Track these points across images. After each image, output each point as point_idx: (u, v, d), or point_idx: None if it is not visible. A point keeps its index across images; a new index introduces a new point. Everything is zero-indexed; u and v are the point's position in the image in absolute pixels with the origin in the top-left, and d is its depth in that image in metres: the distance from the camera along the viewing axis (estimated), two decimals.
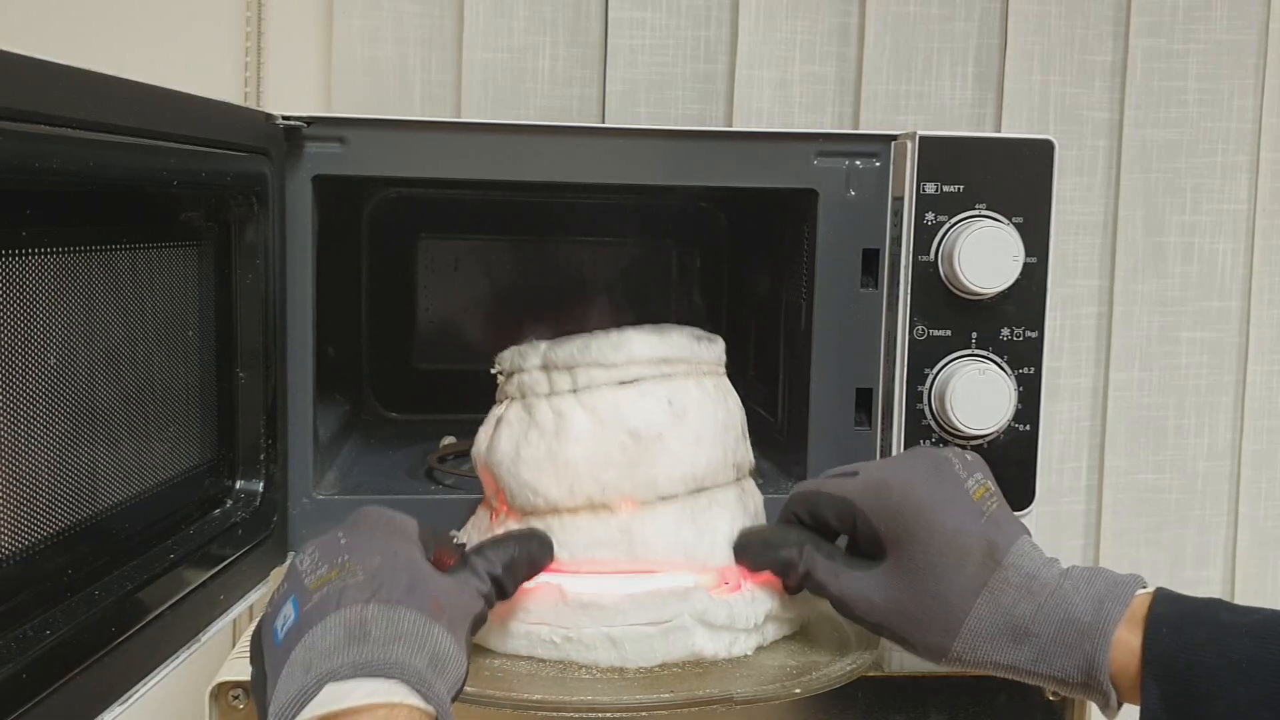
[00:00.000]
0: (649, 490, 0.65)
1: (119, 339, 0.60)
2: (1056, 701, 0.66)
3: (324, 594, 0.53)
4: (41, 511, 0.53)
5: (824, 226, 0.81)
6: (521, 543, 0.62)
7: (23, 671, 0.48)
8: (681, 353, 0.68)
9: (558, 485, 0.65)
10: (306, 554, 0.56)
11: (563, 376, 0.67)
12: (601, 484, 0.65)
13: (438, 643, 0.52)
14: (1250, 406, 1.15)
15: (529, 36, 1.07)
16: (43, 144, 0.48)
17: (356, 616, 0.51)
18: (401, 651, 0.51)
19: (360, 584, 0.53)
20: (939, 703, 0.66)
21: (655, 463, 0.65)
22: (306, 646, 0.51)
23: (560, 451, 0.65)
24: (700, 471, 0.67)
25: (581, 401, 0.66)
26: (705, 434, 0.67)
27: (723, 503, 0.68)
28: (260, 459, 0.73)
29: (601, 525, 0.65)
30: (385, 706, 0.48)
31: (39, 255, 0.52)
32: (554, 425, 0.66)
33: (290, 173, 0.76)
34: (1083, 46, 1.11)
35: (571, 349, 0.67)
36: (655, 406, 0.66)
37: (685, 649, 0.62)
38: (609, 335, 0.67)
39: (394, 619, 0.52)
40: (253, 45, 1.06)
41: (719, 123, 1.09)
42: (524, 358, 0.69)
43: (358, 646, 0.50)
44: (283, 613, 0.54)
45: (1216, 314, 1.15)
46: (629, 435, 0.65)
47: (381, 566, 0.54)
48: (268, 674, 0.53)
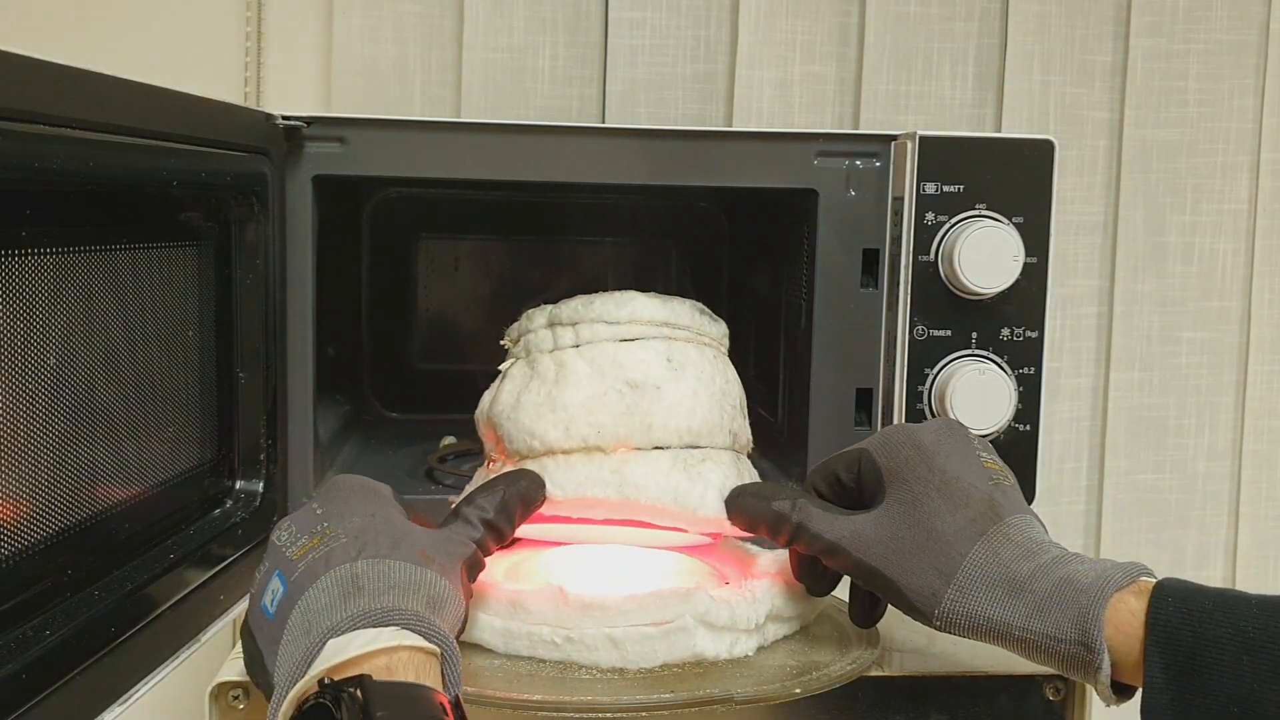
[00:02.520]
0: (644, 437, 0.66)
1: (119, 339, 0.60)
2: (1056, 701, 0.66)
3: (309, 561, 0.53)
4: (42, 511, 0.53)
5: (824, 226, 0.81)
6: (511, 483, 0.63)
7: (23, 671, 0.48)
8: (684, 320, 0.70)
9: (554, 427, 0.66)
10: (283, 529, 0.57)
11: (566, 331, 0.69)
12: (597, 427, 0.66)
13: (432, 586, 0.53)
14: (1250, 406, 1.15)
15: (529, 36, 1.07)
16: (43, 144, 0.48)
17: (348, 574, 0.52)
18: (396, 599, 0.51)
19: (345, 545, 0.54)
20: (939, 703, 0.66)
21: (651, 411, 0.66)
22: (302, 610, 0.52)
23: (559, 396, 0.67)
24: (696, 426, 0.67)
25: (583, 354, 0.68)
26: (702, 394, 0.68)
27: (717, 460, 0.68)
28: (260, 459, 0.73)
29: (595, 465, 0.66)
30: (384, 652, 0.49)
31: (39, 255, 0.52)
32: (555, 374, 0.68)
33: (290, 173, 0.76)
34: (1083, 46, 1.11)
35: (576, 304, 0.70)
36: (654, 360, 0.68)
37: (687, 650, 0.62)
38: (613, 294, 0.70)
39: (384, 571, 0.53)
40: (253, 45, 1.06)
41: (719, 123, 1.09)
42: (530, 319, 0.72)
43: (353, 600, 0.51)
44: (269, 588, 0.54)
45: (1216, 314, 1.15)
46: (627, 384, 0.67)
47: (363, 527, 0.55)
48: (263, 650, 0.53)
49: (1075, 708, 0.66)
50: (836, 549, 0.61)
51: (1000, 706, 0.66)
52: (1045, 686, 0.66)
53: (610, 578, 0.68)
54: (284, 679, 0.50)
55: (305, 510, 0.58)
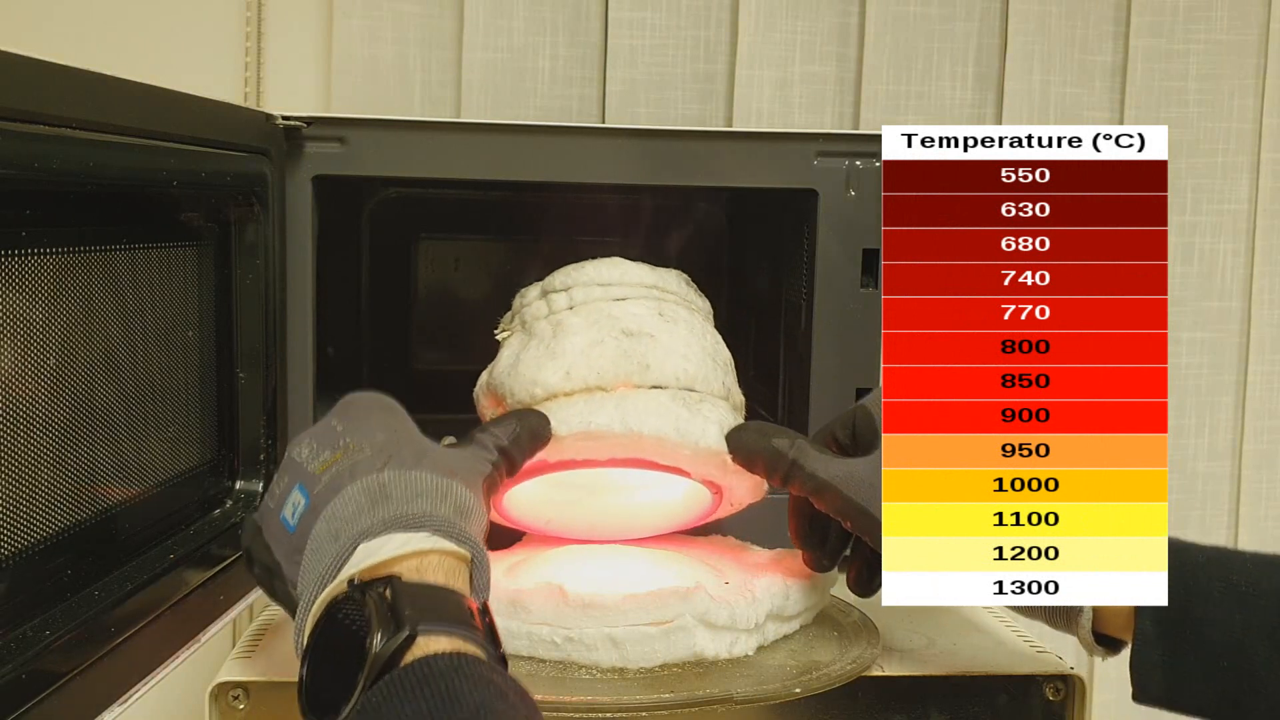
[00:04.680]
0: (642, 377, 0.68)
1: (119, 339, 0.60)
2: (1056, 701, 0.66)
3: (333, 474, 0.54)
4: (41, 511, 0.53)
5: (824, 226, 0.81)
6: (521, 418, 0.65)
7: (23, 671, 0.48)
8: (673, 286, 0.73)
9: (555, 373, 0.67)
10: (301, 445, 0.57)
11: (559, 296, 0.71)
12: (597, 370, 0.67)
13: (459, 495, 0.54)
14: (1250, 406, 1.15)
15: (529, 36, 1.07)
16: (43, 144, 0.48)
17: (374, 483, 0.52)
18: (425, 505, 0.52)
19: (370, 458, 0.54)
20: (939, 703, 0.66)
21: (648, 354, 0.68)
22: (328, 519, 0.52)
23: (557, 345, 0.68)
24: (691, 370, 0.69)
25: (577, 312, 0.70)
26: (694, 345, 0.70)
27: (714, 403, 0.69)
28: (260, 459, 0.73)
29: (597, 402, 0.67)
30: (416, 555, 0.49)
31: (39, 255, 0.52)
32: (552, 332, 0.69)
33: (290, 173, 0.76)
34: (1083, 46, 1.11)
35: (567, 271, 0.72)
36: (647, 313, 0.70)
37: (687, 649, 0.62)
38: (602, 260, 0.72)
39: (411, 480, 0.53)
40: (253, 45, 1.06)
41: (719, 123, 1.09)
42: (523, 296, 0.74)
43: (381, 507, 0.51)
44: (290, 501, 0.54)
45: (1216, 314, 1.15)
46: (622, 332, 0.69)
47: (387, 441, 0.55)
48: (281, 562, 0.54)
49: (1075, 708, 0.66)
50: (828, 488, 0.62)
51: (1000, 706, 0.66)
52: (1045, 686, 0.66)
53: (610, 577, 0.68)
54: (312, 583, 0.50)
55: (323, 426, 0.58)
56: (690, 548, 0.75)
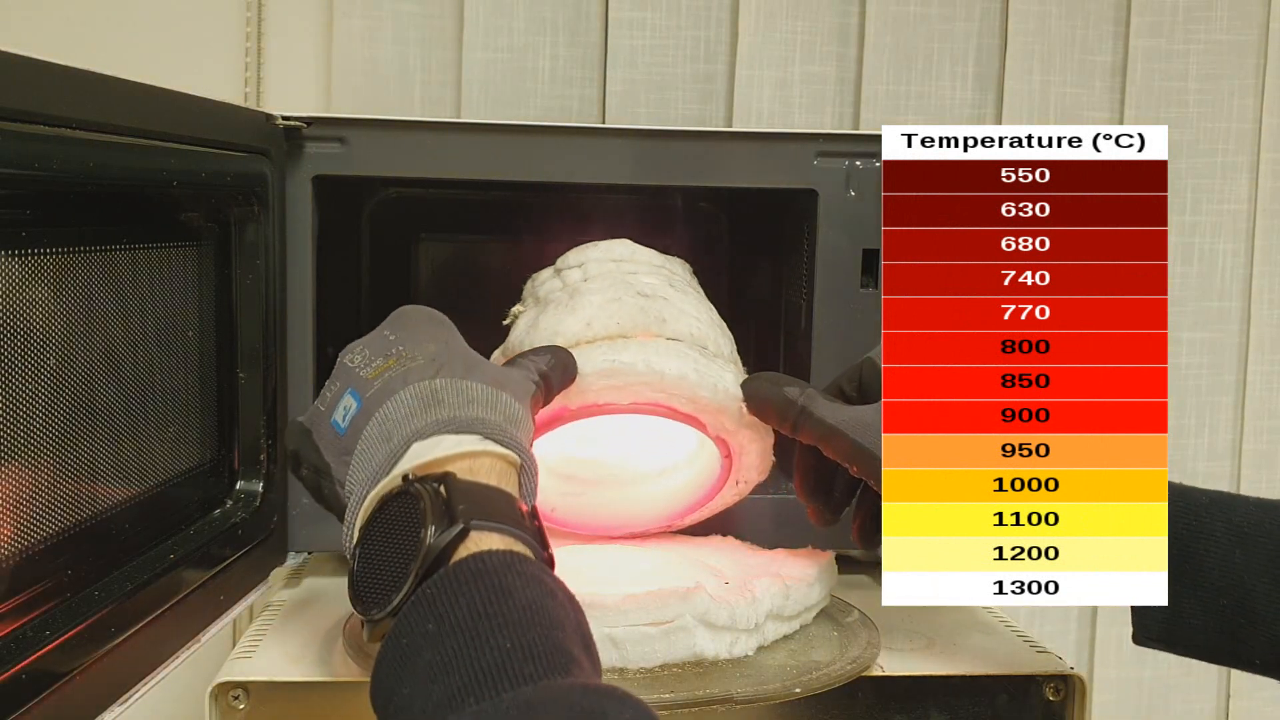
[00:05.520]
0: (660, 328, 0.70)
1: (119, 339, 0.60)
2: (1056, 701, 0.66)
3: (386, 379, 0.55)
4: (42, 511, 0.53)
5: (824, 226, 0.81)
6: (554, 351, 0.66)
7: (23, 671, 0.48)
8: (679, 270, 0.77)
9: (576, 324, 0.69)
10: (355, 352, 0.58)
11: (574, 271, 0.74)
12: (617, 320, 0.69)
13: (508, 405, 0.55)
14: (1250, 406, 1.15)
15: (529, 36, 1.07)
16: (43, 144, 0.48)
17: (427, 389, 0.54)
18: (476, 411, 0.53)
19: (422, 366, 0.55)
20: (939, 703, 0.66)
21: (663, 312, 0.71)
22: (380, 421, 0.53)
23: (575, 304, 0.70)
24: (704, 332, 0.72)
25: (591, 280, 0.73)
26: (704, 314, 0.74)
27: (724, 363, 0.72)
28: (260, 459, 0.73)
29: (619, 346, 0.69)
30: (469, 456, 0.51)
31: (39, 255, 0.52)
32: (568, 296, 0.72)
33: (290, 173, 0.76)
34: (1083, 46, 1.11)
35: (581, 249, 0.75)
36: (659, 282, 0.73)
37: (686, 649, 0.62)
38: (613, 241, 0.76)
39: (462, 389, 0.54)
40: (253, 45, 1.06)
41: (719, 123, 1.09)
42: (536, 279, 0.77)
43: (434, 410, 0.52)
44: (341, 405, 0.56)
45: (1216, 314, 1.15)
46: (637, 294, 0.71)
47: (439, 352, 0.57)
48: (331, 463, 0.55)
49: (1075, 708, 0.66)
50: (836, 433, 0.63)
51: (1000, 706, 0.66)
52: (1045, 686, 0.66)
53: (609, 577, 0.69)
54: (364, 480, 0.52)
55: (376, 335, 0.59)
56: (690, 548, 0.75)
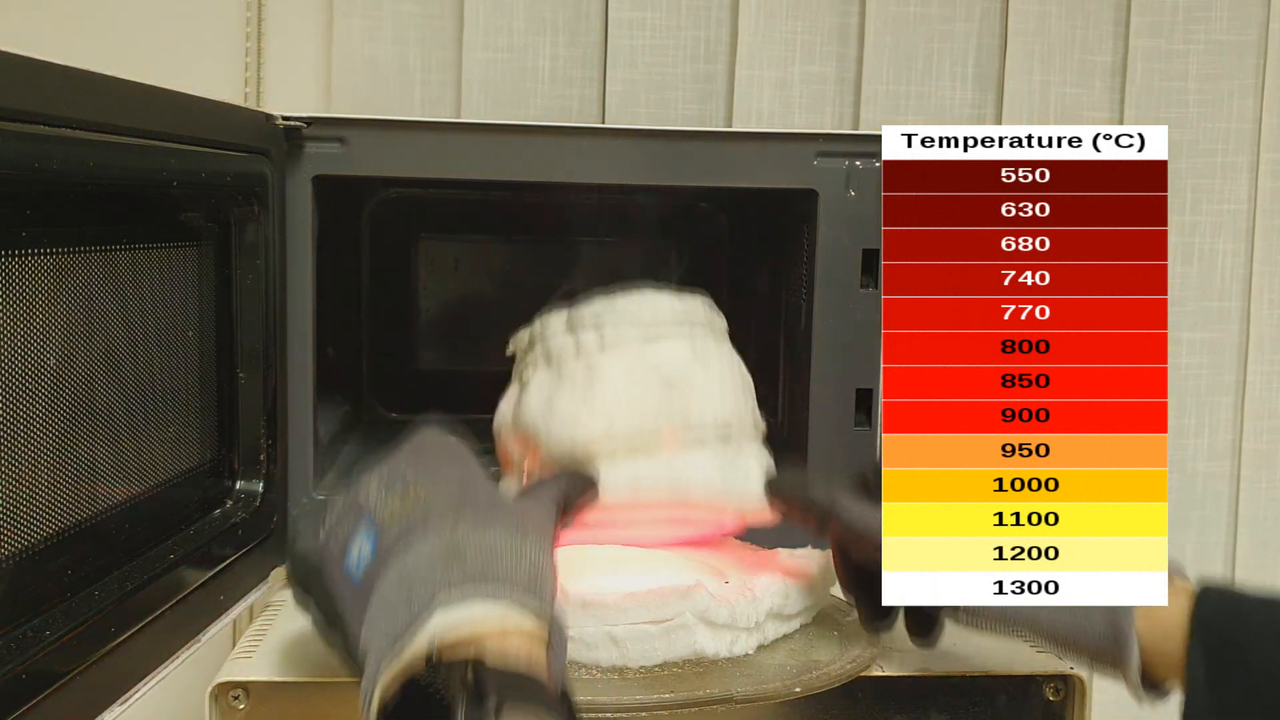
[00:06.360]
0: (684, 433, 0.68)
1: (119, 339, 0.60)
2: (1056, 701, 0.66)
3: (404, 525, 0.52)
4: (41, 511, 0.53)
5: (824, 226, 0.81)
6: (574, 479, 0.64)
7: (23, 671, 0.48)
8: (699, 315, 0.73)
9: (596, 428, 0.67)
10: (369, 488, 0.54)
11: (589, 335, 0.69)
12: (639, 425, 0.67)
13: (533, 559, 0.52)
14: (1250, 406, 1.15)
15: (529, 36, 1.07)
16: (43, 144, 0.48)
17: (448, 541, 0.50)
18: (501, 571, 0.50)
19: (443, 511, 0.52)
20: (939, 703, 0.66)
21: (687, 403, 0.68)
22: (398, 579, 0.50)
23: (594, 398, 0.68)
24: (727, 417, 0.70)
25: (610, 355, 0.69)
26: (728, 384, 0.71)
27: (748, 450, 0.71)
28: (260, 459, 0.73)
29: (643, 467, 0.67)
30: (498, 634, 0.48)
31: (39, 255, 0.52)
32: (585, 378, 0.68)
33: (290, 173, 0.76)
34: (1083, 46, 1.11)
35: (596, 308, 0.70)
36: (681, 354, 0.70)
37: (687, 648, 0.62)
38: (633, 295, 0.70)
39: (485, 541, 0.51)
40: (253, 45, 1.06)
41: (719, 123, 1.09)
42: (546, 326, 0.71)
43: (457, 570, 0.49)
44: (355, 549, 0.52)
45: (1216, 314, 1.15)
46: (660, 380, 0.68)
47: (460, 492, 0.54)
48: (344, 614, 0.52)
49: (1075, 708, 0.66)
50: (863, 537, 0.62)
51: (1000, 706, 0.66)
52: (1045, 687, 0.66)
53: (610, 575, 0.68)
54: (382, 644, 0.49)
55: (391, 469, 0.55)
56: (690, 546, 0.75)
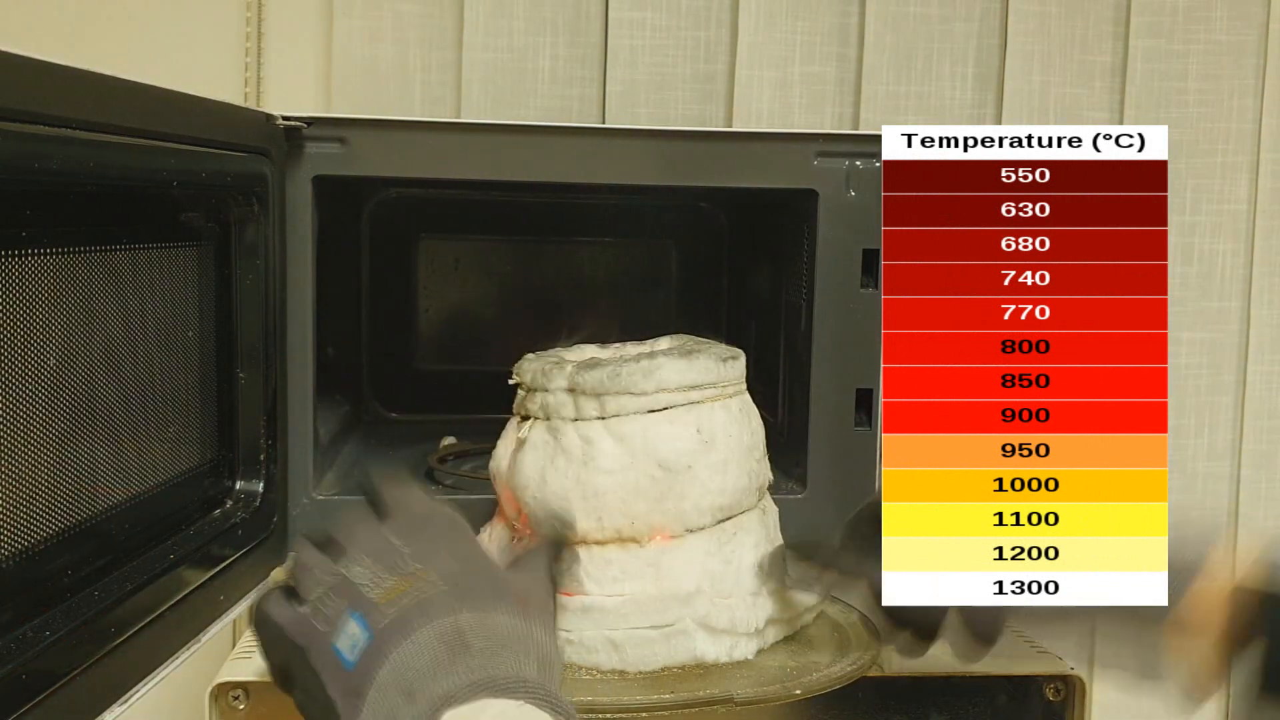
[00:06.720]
0: (678, 523, 0.66)
1: (119, 339, 0.60)
2: (1056, 701, 0.66)
3: (402, 608, 0.48)
4: (41, 512, 0.53)
5: (824, 226, 0.81)
6: (558, 548, 0.60)
7: (23, 671, 0.48)
8: (708, 377, 0.68)
9: (586, 516, 0.65)
10: (359, 565, 0.50)
11: (590, 402, 0.66)
12: (630, 516, 0.65)
13: (540, 642, 0.49)
14: (1250, 406, 1.15)
15: (529, 36, 1.07)
16: (43, 144, 0.48)
17: (451, 628, 0.47)
18: (511, 662, 0.47)
19: (444, 593, 0.48)
20: (939, 703, 0.66)
21: (685, 494, 0.65)
22: (398, 668, 0.46)
23: (589, 481, 0.65)
24: (727, 501, 0.67)
25: (610, 429, 0.66)
26: (732, 459, 0.67)
27: (747, 528, 0.68)
28: (260, 459, 0.73)
29: (630, 558, 0.65)
30: None
31: (39, 255, 0.52)
32: (582, 453, 0.65)
33: (290, 173, 0.76)
34: (1083, 46, 1.11)
35: (601, 376, 0.66)
36: (684, 435, 0.66)
37: (687, 653, 0.62)
38: (639, 362, 0.67)
39: (491, 626, 0.48)
40: (253, 45, 1.06)
41: (719, 123, 1.09)
42: (548, 378, 0.68)
43: (463, 661, 0.46)
44: (346, 631, 0.48)
45: (1216, 314, 1.15)
46: (659, 467, 0.65)
47: (461, 572, 0.50)
48: (336, 700, 0.47)
49: (1075, 708, 0.66)
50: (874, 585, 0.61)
51: (1000, 706, 0.66)
52: (1045, 686, 0.66)
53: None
54: None
55: (383, 544, 0.51)
56: None
